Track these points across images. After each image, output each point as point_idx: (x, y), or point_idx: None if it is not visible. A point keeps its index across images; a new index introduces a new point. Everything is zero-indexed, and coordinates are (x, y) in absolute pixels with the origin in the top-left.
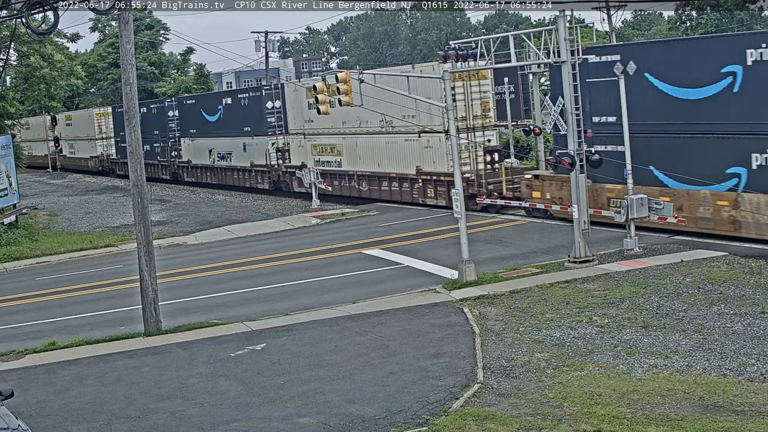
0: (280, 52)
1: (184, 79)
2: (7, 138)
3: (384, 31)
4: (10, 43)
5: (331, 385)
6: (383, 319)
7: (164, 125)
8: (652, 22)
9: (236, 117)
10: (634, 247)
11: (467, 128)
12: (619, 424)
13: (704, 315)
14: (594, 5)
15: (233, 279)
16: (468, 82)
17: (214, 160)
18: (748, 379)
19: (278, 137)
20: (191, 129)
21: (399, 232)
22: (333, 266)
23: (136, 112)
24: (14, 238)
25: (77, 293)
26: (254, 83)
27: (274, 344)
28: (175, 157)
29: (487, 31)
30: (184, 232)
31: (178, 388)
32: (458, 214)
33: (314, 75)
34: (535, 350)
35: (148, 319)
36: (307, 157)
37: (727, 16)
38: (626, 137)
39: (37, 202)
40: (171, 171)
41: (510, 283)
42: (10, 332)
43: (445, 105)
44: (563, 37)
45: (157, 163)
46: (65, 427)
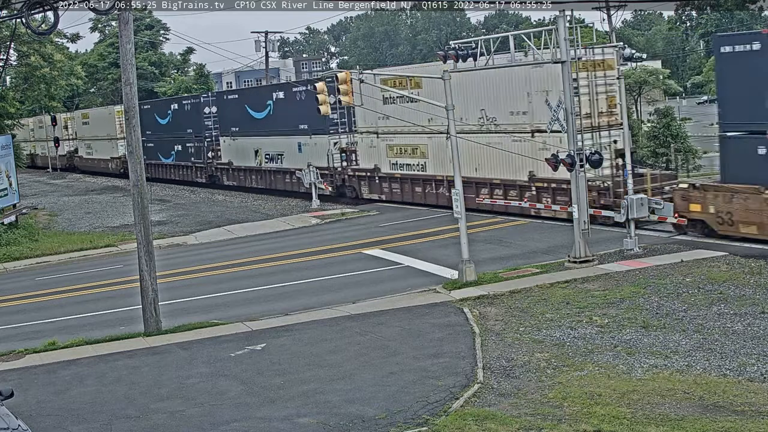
0: (280, 52)
1: (184, 79)
2: (7, 138)
3: (384, 31)
4: (10, 43)
5: (331, 385)
6: (383, 319)
7: (199, 123)
8: (652, 22)
9: (290, 113)
10: (634, 247)
11: (591, 127)
12: (619, 424)
13: (704, 315)
14: (594, 5)
15: (233, 279)
16: (593, 72)
17: (261, 161)
18: (748, 379)
19: (341, 136)
20: (233, 127)
21: (399, 232)
22: (333, 266)
23: (137, 112)
24: (14, 238)
25: (77, 293)
26: (255, 83)
27: (274, 344)
28: (213, 158)
29: (487, 31)
30: (184, 232)
31: (178, 388)
32: (458, 214)
33: (314, 74)
34: (535, 350)
35: (148, 319)
36: (380, 159)
37: (727, 16)
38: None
39: (37, 202)
40: (207, 173)
41: (510, 283)
42: (10, 332)
43: (445, 105)
44: (563, 37)
45: (191, 165)
46: (65, 427)
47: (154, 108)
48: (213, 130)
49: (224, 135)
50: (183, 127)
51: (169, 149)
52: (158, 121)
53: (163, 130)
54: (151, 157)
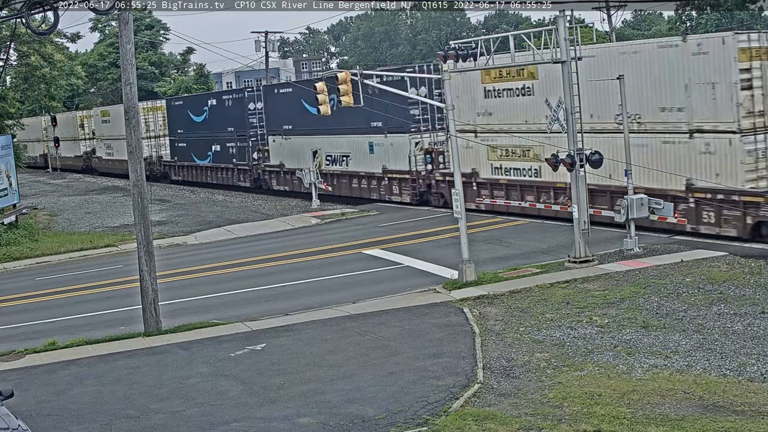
0: (280, 52)
1: (184, 79)
2: (7, 138)
3: (384, 31)
4: (10, 43)
5: (331, 385)
6: (383, 319)
7: (242, 120)
8: (652, 22)
9: (359, 109)
10: (634, 247)
11: (765, 127)
12: (619, 424)
13: (704, 315)
14: (594, 5)
15: (233, 279)
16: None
17: (320, 163)
18: (748, 379)
19: (424, 135)
20: (285, 125)
21: (399, 232)
22: (333, 266)
23: (137, 112)
24: (14, 238)
25: (77, 293)
26: (255, 83)
27: (274, 344)
28: (259, 159)
29: (487, 31)
30: (184, 232)
31: (178, 388)
32: (458, 214)
33: (314, 74)
34: (535, 350)
35: (148, 319)
36: (478, 162)
37: (727, 16)
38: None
39: (37, 202)
40: (252, 177)
41: (510, 283)
42: (10, 332)
43: (446, 105)
44: (563, 37)
45: (232, 167)
46: (65, 427)
47: (187, 104)
48: (259, 128)
49: (274, 134)
50: (222, 125)
51: (205, 150)
52: (192, 118)
53: (198, 128)
54: (183, 159)
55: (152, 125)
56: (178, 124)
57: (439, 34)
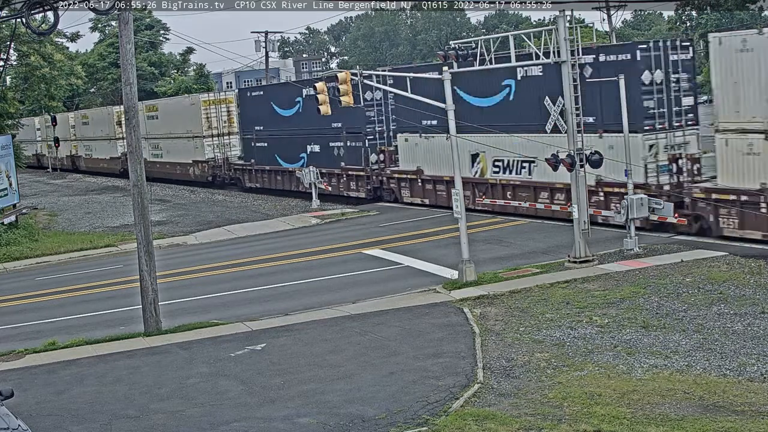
0: (280, 52)
1: (184, 79)
2: (7, 138)
3: (384, 31)
4: (10, 43)
5: (331, 385)
6: (383, 319)
7: (355, 114)
8: (652, 22)
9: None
10: (634, 247)
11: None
12: (619, 424)
13: (704, 315)
14: (594, 5)
15: (233, 279)
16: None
17: (484, 170)
18: (748, 379)
19: (659, 134)
20: (425, 120)
21: (399, 232)
22: (333, 266)
23: (137, 112)
24: (14, 238)
25: (77, 293)
26: (255, 83)
27: (274, 344)
28: (383, 163)
29: (487, 31)
30: (184, 232)
31: (178, 388)
32: (458, 214)
33: (314, 74)
34: (535, 350)
35: (148, 319)
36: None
37: (727, 16)
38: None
39: (37, 202)
40: (371, 185)
41: (510, 283)
42: (10, 332)
43: (446, 105)
44: (563, 37)
45: (340, 172)
46: (65, 427)
47: (270, 95)
48: (377, 124)
49: (404, 131)
50: (323, 120)
51: (296, 150)
52: (278, 112)
53: (286, 123)
54: (263, 162)
55: (214, 121)
56: (255, 119)
57: (439, 34)
